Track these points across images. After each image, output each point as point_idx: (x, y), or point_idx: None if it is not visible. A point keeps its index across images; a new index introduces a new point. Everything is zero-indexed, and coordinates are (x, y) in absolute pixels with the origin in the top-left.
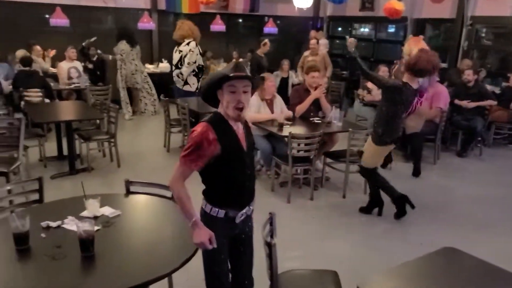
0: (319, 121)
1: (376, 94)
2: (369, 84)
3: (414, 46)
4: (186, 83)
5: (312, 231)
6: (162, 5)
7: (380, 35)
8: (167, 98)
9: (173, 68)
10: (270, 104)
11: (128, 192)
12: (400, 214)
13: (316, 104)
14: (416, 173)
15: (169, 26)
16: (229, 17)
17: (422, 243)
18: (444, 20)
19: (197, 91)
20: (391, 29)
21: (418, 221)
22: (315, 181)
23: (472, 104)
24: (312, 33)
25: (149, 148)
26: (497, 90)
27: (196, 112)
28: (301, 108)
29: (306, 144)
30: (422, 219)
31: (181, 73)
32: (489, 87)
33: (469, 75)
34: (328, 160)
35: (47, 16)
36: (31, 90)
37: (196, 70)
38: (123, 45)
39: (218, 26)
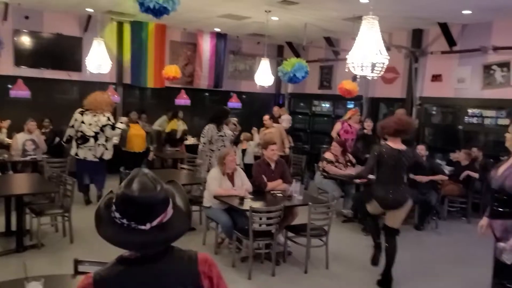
0: (280, 195)
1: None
2: (327, 155)
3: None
4: None
5: None
6: (127, 79)
7: (338, 111)
8: None
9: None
10: (231, 177)
11: (77, 273)
12: None
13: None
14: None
15: (135, 98)
16: (194, 91)
17: None
18: (396, 100)
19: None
20: (350, 105)
21: None
22: (277, 256)
23: (426, 178)
24: (275, 108)
25: None
26: (448, 167)
27: None
28: (272, 186)
29: (267, 218)
30: None
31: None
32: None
33: (422, 150)
34: (290, 234)
35: (9, 86)
36: None
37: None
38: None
39: (183, 100)
